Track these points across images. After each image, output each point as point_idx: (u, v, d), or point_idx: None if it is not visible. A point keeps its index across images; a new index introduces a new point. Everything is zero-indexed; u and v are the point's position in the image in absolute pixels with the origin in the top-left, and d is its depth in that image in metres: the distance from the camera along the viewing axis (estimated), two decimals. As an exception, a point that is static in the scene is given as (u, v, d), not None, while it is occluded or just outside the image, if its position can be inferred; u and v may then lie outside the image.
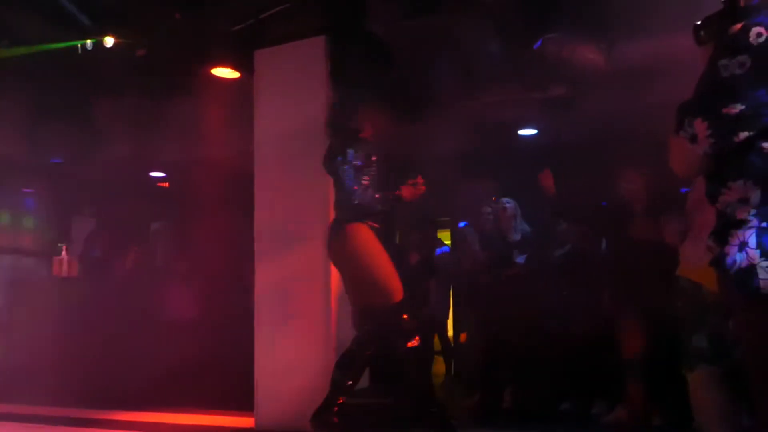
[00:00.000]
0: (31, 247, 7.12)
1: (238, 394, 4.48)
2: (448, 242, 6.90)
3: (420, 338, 3.59)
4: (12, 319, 6.57)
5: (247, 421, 4.38)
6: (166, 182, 8.00)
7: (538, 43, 4.17)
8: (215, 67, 4.90)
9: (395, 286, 3.46)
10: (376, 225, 3.52)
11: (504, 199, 4.97)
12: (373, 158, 3.54)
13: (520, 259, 4.80)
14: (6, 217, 6.75)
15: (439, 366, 6.62)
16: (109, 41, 4.82)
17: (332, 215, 4.37)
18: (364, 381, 4.58)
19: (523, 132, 6.30)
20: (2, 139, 6.19)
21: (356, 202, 3.42)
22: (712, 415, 3.17)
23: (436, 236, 6.56)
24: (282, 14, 4.34)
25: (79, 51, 4.85)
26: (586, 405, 4.36)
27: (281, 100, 4.54)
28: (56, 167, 6.88)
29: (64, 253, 6.66)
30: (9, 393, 5.99)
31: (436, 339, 6.52)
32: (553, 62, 4.14)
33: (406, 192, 3.51)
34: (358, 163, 3.46)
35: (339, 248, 3.52)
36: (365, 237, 3.46)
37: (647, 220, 3.84)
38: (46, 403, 5.60)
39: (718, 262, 1.58)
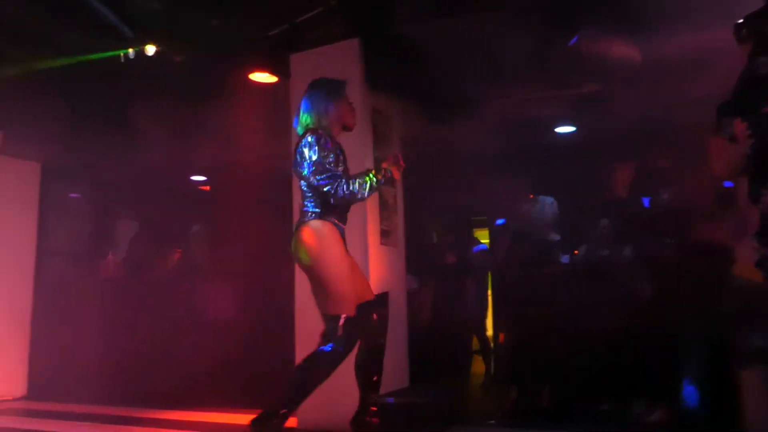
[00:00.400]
0: (78, 250, 7.31)
1: (279, 395, 4.51)
2: (485, 241, 6.88)
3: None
4: (60, 319, 6.77)
5: (289, 421, 4.41)
6: (206, 186, 8.13)
7: (574, 39, 4.13)
8: (253, 71, 4.96)
9: (347, 294, 3.17)
10: (342, 224, 3.31)
11: (542, 197, 4.94)
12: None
13: (564, 258, 4.77)
14: (54, 221, 6.94)
15: (478, 365, 6.61)
16: (150, 49, 4.93)
17: (369, 213, 4.42)
18: (404, 381, 4.62)
19: (559, 129, 6.24)
20: (50, 147, 6.40)
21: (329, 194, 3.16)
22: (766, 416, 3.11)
23: (472, 235, 6.55)
24: (316, 18, 4.37)
25: (122, 60, 4.97)
26: (626, 406, 4.31)
27: (318, 104, 4.58)
28: (100, 172, 7.05)
29: (109, 255, 6.83)
30: (58, 392, 6.20)
31: (475, 338, 6.51)
32: (588, 58, 4.10)
33: (394, 172, 3.26)
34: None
35: (297, 245, 3.24)
36: (328, 235, 3.20)
37: (703, 219, 3.77)
38: (93, 401, 5.78)
39: (763, 263, 1.56)
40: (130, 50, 4.93)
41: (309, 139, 3.16)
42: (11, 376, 6.24)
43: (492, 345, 6.41)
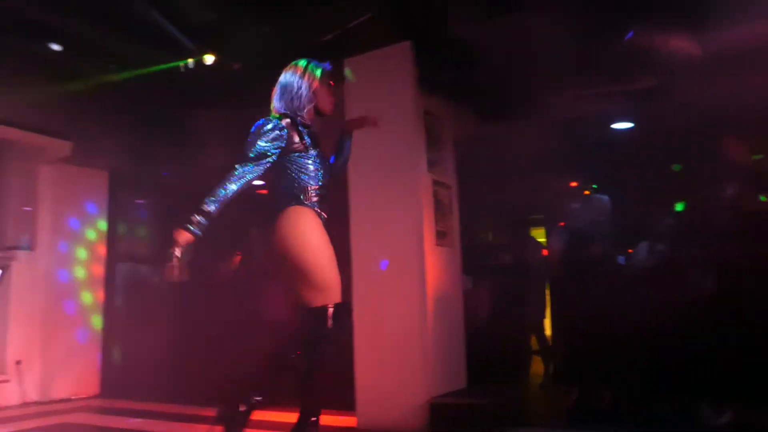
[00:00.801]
0: (145, 254, 7.57)
1: (339, 394, 4.58)
2: (542, 240, 6.80)
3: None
4: (129, 321, 7.03)
5: (350, 421, 4.48)
6: (264, 190, 8.29)
7: (629, 34, 4.04)
8: (306, 77, 5.02)
9: (334, 282, 2.87)
10: (324, 214, 2.99)
11: (597, 195, 4.86)
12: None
13: (620, 258, 4.69)
14: (122, 227, 7.21)
15: (537, 366, 6.53)
16: (209, 59, 5.09)
17: (425, 215, 4.43)
18: (461, 382, 4.63)
19: (616, 126, 6.11)
20: (118, 155, 6.66)
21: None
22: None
23: (528, 234, 6.49)
24: (369, 22, 4.42)
25: (182, 70, 5.15)
26: (692, 407, 4.19)
27: (371, 106, 4.62)
28: (164, 179, 7.28)
29: (174, 259, 7.03)
30: (129, 390, 6.44)
31: (533, 339, 6.44)
32: (644, 53, 4.00)
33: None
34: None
35: (275, 232, 2.96)
36: (309, 221, 2.91)
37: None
38: (161, 399, 5.99)
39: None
40: (190, 60, 5.10)
41: (262, 124, 2.99)
42: (85, 375, 6.52)
43: (551, 345, 6.33)
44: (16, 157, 6.57)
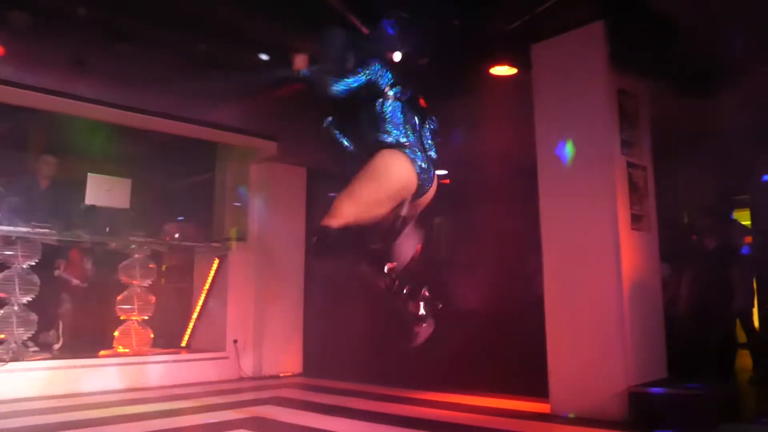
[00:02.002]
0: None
1: (532, 380, 4.62)
2: (747, 223, 6.29)
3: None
4: (324, 306, 7.55)
5: (542, 407, 4.50)
6: (447, 179, 8.48)
7: None
8: (493, 66, 5.10)
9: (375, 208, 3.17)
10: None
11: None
12: None
13: None
14: (319, 219, 7.73)
15: (745, 359, 6.06)
16: (396, 56, 5.32)
17: (619, 197, 4.31)
18: (661, 371, 4.44)
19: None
20: (314, 153, 7.16)
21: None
22: None
23: (732, 217, 6.02)
24: (557, 5, 4.37)
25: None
26: None
27: (561, 91, 4.60)
28: (355, 172, 7.69)
29: (364, 248, 7.42)
30: (327, 370, 6.93)
31: (741, 330, 5.99)
32: None
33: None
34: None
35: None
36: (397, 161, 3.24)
37: None
38: (357, 379, 6.38)
39: None
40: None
41: None
42: (291, 355, 7.14)
43: (760, 336, 5.85)
44: (230, 158, 7.35)
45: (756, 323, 6.01)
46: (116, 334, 6.34)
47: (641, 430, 3.28)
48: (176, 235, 6.62)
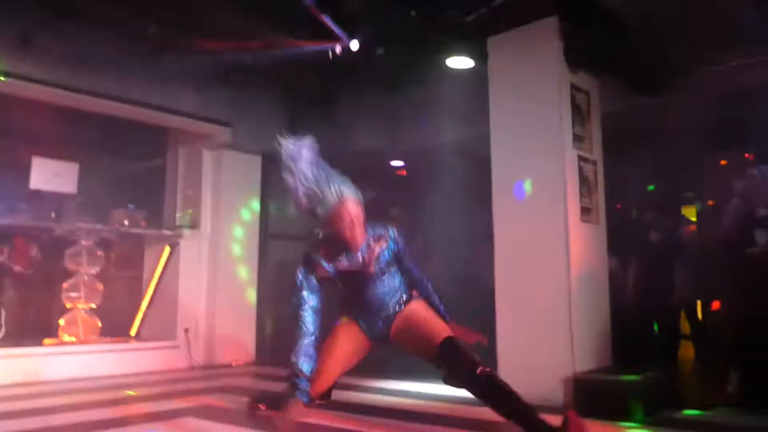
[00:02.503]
0: (294, 232, 8.01)
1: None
2: (693, 219, 6.48)
3: None
4: (277, 295, 7.49)
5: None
6: (403, 170, 8.51)
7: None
8: (450, 57, 5.12)
9: None
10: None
11: (761, 167, 4.54)
12: None
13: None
14: (274, 207, 7.68)
15: (689, 350, 6.26)
16: (354, 44, 5.31)
17: (569, 190, 4.39)
18: (606, 360, 4.56)
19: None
20: (270, 141, 7.10)
21: None
22: None
23: (680, 212, 6.21)
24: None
25: (330, 55, 5.41)
26: None
27: (516, 84, 4.66)
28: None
29: (320, 237, 7.40)
30: (279, 358, 6.88)
31: (685, 321, 6.19)
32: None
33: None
34: None
35: None
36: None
37: None
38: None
39: None
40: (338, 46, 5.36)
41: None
42: (243, 344, 7.08)
43: (703, 328, 6.04)
44: (182, 143, 7.22)
45: (699, 316, 6.20)
46: (62, 322, 6.18)
47: (585, 415, 3.35)
48: (125, 222, 6.48)
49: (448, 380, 3.09)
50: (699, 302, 6.03)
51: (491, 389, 2.95)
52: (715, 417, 3.82)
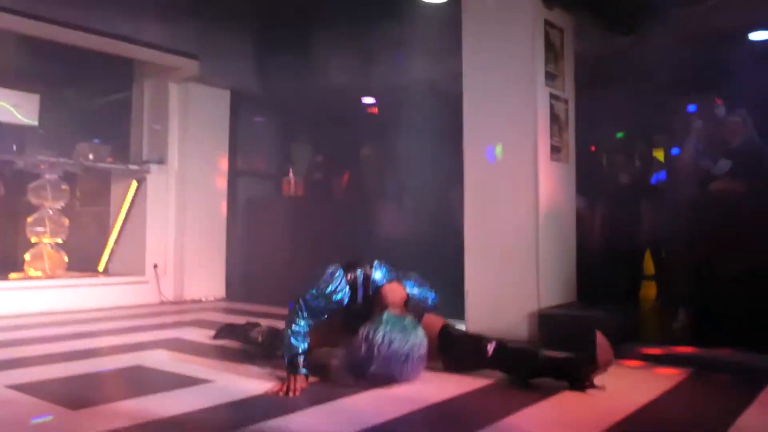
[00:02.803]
0: (263, 170, 7.96)
1: (450, 303, 4.67)
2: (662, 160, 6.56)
3: None
4: (247, 232, 7.50)
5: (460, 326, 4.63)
6: (375, 108, 8.42)
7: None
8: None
9: None
10: None
11: (734, 110, 4.58)
12: None
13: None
14: (243, 144, 7.57)
15: (651, 289, 6.45)
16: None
17: (540, 128, 4.39)
18: (571, 296, 4.67)
19: (754, 36, 5.66)
20: (238, 75, 6.97)
21: None
22: None
23: (651, 154, 6.28)
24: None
25: None
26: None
27: (489, 21, 4.58)
28: (281, 98, 7.53)
29: (290, 175, 7.37)
30: (249, 294, 6.95)
31: (649, 261, 6.35)
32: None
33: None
34: None
35: None
36: None
37: None
38: (278, 303, 6.42)
39: None
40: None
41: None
42: (213, 280, 7.09)
43: (665, 269, 6.20)
44: (148, 76, 7.01)
45: (663, 256, 6.35)
46: (27, 257, 6.10)
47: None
48: (90, 157, 6.34)
49: (453, 368, 3.12)
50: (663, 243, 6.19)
51: (506, 360, 2.99)
52: (672, 351, 3.95)
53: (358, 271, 3.14)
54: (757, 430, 2.23)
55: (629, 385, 2.94)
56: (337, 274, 3.09)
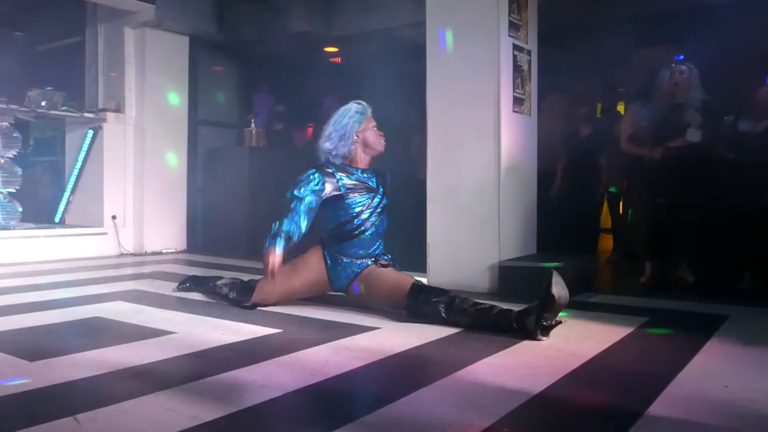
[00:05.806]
0: (224, 120, 7.80)
1: (412, 256, 4.73)
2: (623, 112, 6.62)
3: None
4: (208, 183, 7.40)
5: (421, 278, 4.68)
6: (338, 57, 8.27)
7: None
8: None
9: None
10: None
11: (683, 65, 4.62)
12: None
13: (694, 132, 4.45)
14: (204, 92, 7.40)
15: (608, 241, 6.60)
16: None
17: (503, 79, 4.37)
18: (531, 248, 4.75)
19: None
20: (197, 21, 6.74)
21: None
22: None
23: (614, 108, 6.32)
24: None
25: None
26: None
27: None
28: (241, 46, 7.33)
29: (252, 125, 7.25)
30: (210, 246, 6.90)
31: (607, 215, 6.47)
32: None
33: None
34: None
35: None
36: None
37: None
38: (237, 255, 6.40)
39: None
40: None
41: (308, 173, 3.48)
42: (173, 232, 7.00)
43: (623, 222, 6.33)
44: (102, 20, 6.75)
45: (620, 209, 6.47)
46: (-22, 207, 5.92)
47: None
48: (43, 104, 6.11)
49: (420, 318, 3.20)
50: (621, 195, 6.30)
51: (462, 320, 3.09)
52: (626, 300, 4.06)
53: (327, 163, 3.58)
54: (703, 376, 2.31)
55: (585, 334, 3.02)
56: (311, 172, 3.47)
